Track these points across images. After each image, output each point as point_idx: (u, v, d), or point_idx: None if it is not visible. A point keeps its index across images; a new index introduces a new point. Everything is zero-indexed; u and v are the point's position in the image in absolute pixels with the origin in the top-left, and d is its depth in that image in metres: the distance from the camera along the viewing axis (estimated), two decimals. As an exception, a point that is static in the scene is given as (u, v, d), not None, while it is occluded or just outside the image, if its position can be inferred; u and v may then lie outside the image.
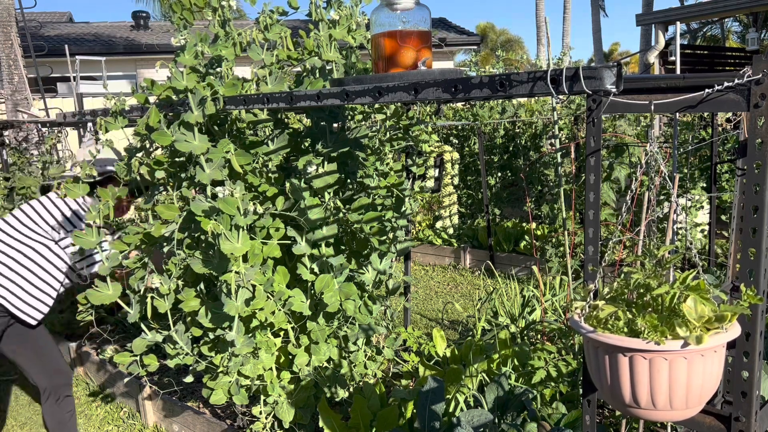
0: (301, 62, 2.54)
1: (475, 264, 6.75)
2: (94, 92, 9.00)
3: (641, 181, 4.94)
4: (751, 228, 1.23)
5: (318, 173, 2.27)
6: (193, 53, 2.34)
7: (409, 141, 3.07)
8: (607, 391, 1.23)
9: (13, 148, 5.96)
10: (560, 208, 5.63)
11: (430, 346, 3.44)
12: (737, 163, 1.76)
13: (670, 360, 1.13)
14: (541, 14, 21.12)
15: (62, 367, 3.02)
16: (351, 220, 2.51)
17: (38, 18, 16.90)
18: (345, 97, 1.59)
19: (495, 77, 1.26)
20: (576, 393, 2.75)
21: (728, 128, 6.41)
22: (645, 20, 11.05)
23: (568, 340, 3.25)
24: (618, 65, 1.10)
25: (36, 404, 3.86)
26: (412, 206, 2.83)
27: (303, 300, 2.49)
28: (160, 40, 16.33)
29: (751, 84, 1.17)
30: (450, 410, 2.64)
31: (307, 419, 2.68)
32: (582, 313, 1.29)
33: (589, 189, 1.50)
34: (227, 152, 2.26)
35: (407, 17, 1.63)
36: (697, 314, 1.14)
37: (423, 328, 4.80)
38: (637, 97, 1.36)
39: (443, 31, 17.88)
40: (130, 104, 2.57)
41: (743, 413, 1.28)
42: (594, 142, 1.47)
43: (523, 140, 7.33)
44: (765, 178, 1.18)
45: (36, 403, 3.86)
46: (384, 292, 2.80)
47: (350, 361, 2.75)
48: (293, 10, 2.47)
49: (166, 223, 2.42)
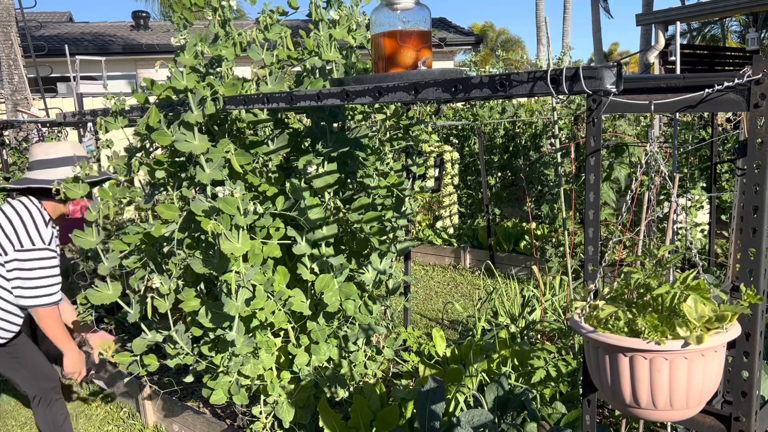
0: (301, 62, 2.54)
1: (475, 264, 6.75)
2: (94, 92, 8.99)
3: (641, 181, 4.94)
4: (751, 228, 1.23)
5: (318, 173, 2.27)
6: (193, 53, 2.33)
7: (409, 141, 3.07)
8: (608, 391, 1.23)
9: (13, 148, 5.96)
10: (560, 208, 5.63)
11: (430, 346, 3.44)
12: (737, 163, 1.76)
13: (671, 360, 1.13)
14: (541, 14, 21.12)
15: (48, 372, 2.99)
16: (351, 220, 2.51)
17: (38, 18, 16.91)
18: (345, 97, 1.59)
19: (495, 77, 1.26)
20: (576, 393, 2.75)
21: (728, 128, 6.42)
22: (645, 20, 11.04)
23: (568, 340, 3.25)
24: (618, 65, 1.10)
25: (36, 404, 3.86)
26: (412, 206, 2.83)
27: (303, 300, 2.49)
28: (160, 40, 16.32)
29: (751, 84, 1.17)
30: (450, 410, 2.64)
31: (307, 419, 2.68)
32: (582, 313, 1.29)
33: (589, 189, 1.50)
34: (227, 152, 2.26)
35: (407, 17, 1.63)
36: (698, 314, 1.14)
37: (423, 328, 4.80)
38: (637, 97, 1.36)
39: (443, 31, 17.88)
40: (130, 104, 2.57)
41: (743, 413, 1.28)
42: (594, 141, 1.47)
43: (523, 140, 7.33)
44: (765, 178, 1.18)
45: (36, 403, 3.86)
46: (384, 292, 2.80)
47: (350, 361, 2.75)
48: (293, 10, 2.47)
49: (166, 223, 2.42)
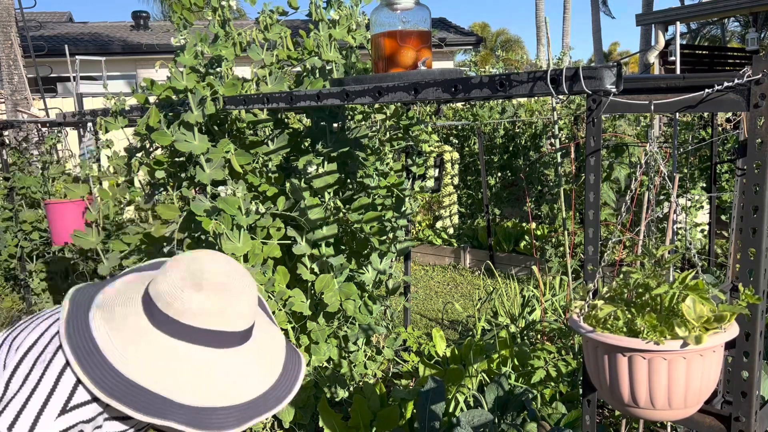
0: (301, 62, 2.54)
1: (475, 264, 6.75)
2: (94, 92, 8.99)
3: (641, 181, 4.94)
4: (751, 228, 1.23)
5: (318, 173, 2.27)
6: (192, 53, 2.34)
7: (409, 141, 3.07)
8: (606, 390, 1.23)
9: (13, 148, 5.96)
10: (560, 208, 5.63)
11: (430, 346, 3.44)
12: (737, 163, 1.76)
13: (669, 360, 1.13)
14: (541, 14, 21.12)
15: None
16: (351, 220, 2.51)
17: (38, 18, 16.88)
18: (345, 97, 1.59)
19: (495, 77, 1.26)
20: (576, 393, 2.75)
21: (728, 128, 6.41)
22: (645, 20, 11.05)
23: (568, 340, 3.25)
24: (618, 65, 1.10)
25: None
26: (412, 206, 2.83)
27: (303, 300, 2.49)
28: (160, 40, 16.30)
29: (750, 84, 1.17)
30: (450, 410, 2.64)
31: (307, 419, 2.68)
32: (581, 312, 1.29)
33: (589, 189, 1.50)
34: (227, 152, 2.26)
35: (407, 17, 1.63)
36: (696, 314, 1.14)
37: (423, 328, 4.80)
38: (637, 97, 1.36)
39: (443, 31, 17.87)
40: (130, 104, 2.57)
41: (743, 413, 1.28)
42: (594, 142, 1.47)
43: (523, 140, 7.33)
44: (765, 178, 1.18)
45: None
46: (384, 292, 2.80)
47: (350, 361, 2.75)
48: (293, 10, 2.47)
49: (166, 223, 2.42)
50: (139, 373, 1.05)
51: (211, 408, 1.07)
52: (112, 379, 1.04)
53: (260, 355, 1.17)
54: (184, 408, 1.05)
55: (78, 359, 1.04)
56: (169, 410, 1.04)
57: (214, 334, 1.10)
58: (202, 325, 1.09)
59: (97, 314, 1.12)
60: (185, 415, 1.04)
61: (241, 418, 1.08)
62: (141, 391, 1.04)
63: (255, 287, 1.17)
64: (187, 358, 1.08)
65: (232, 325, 1.11)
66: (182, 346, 1.09)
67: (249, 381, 1.12)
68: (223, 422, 1.06)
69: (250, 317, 1.15)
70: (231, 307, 1.11)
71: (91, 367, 1.04)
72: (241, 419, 1.08)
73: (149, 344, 1.08)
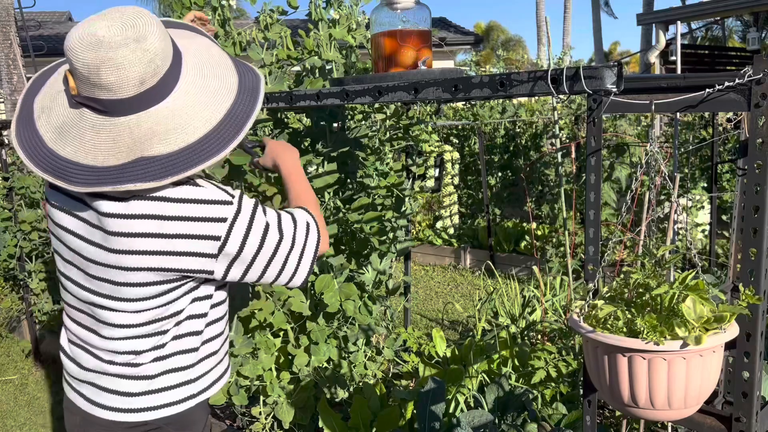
0: (301, 62, 2.54)
1: (475, 264, 6.75)
2: (95, 92, 8.97)
3: (642, 181, 4.94)
4: (752, 228, 1.23)
5: (318, 173, 2.27)
6: (192, 53, 2.33)
7: (409, 141, 3.06)
8: (606, 390, 1.23)
9: (12, 147, 5.96)
10: (561, 208, 5.62)
11: (430, 347, 3.44)
12: (738, 163, 1.76)
13: (669, 360, 1.12)
14: (542, 14, 21.13)
15: None
16: (351, 220, 2.51)
17: (37, 17, 16.87)
18: (345, 97, 1.59)
19: (495, 77, 1.26)
20: (576, 393, 2.75)
21: (729, 128, 6.41)
22: (646, 20, 11.04)
23: (569, 340, 3.25)
24: (619, 65, 1.09)
25: (35, 404, 3.86)
26: (412, 206, 2.83)
27: (303, 300, 2.49)
28: (161, 39, 16.26)
29: (751, 83, 1.16)
30: (450, 411, 2.63)
31: (307, 419, 2.68)
32: (581, 312, 1.29)
33: (590, 189, 1.50)
34: (227, 152, 2.26)
35: (407, 16, 1.63)
36: (696, 314, 1.14)
37: (423, 328, 4.79)
38: (637, 96, 1.35)
39: (443, 31, 17.87)
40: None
41: (744, 414, 1.28)
42: (594, 141, 1.47)
43: (523, 140, 7.32)
44: (766, 178, 1.18)
45: (35, 404, 3.86)
46: (384, 292, 2.80)
47: (350, 361, 2.75)
48: (293, 9, 2.47)
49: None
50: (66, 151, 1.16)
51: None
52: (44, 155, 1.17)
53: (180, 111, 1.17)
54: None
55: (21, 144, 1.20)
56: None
57: (94, 101, 1.15)
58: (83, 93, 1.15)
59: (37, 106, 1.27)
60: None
61: (168, 165, 1.13)
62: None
63: (153, 50, 1.13)
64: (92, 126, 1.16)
65: (107, 94, 1.13)
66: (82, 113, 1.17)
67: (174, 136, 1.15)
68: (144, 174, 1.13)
69: (133, 84, 1.12)
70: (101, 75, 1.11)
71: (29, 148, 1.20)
72: (168, 166, 1.13)
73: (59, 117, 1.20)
